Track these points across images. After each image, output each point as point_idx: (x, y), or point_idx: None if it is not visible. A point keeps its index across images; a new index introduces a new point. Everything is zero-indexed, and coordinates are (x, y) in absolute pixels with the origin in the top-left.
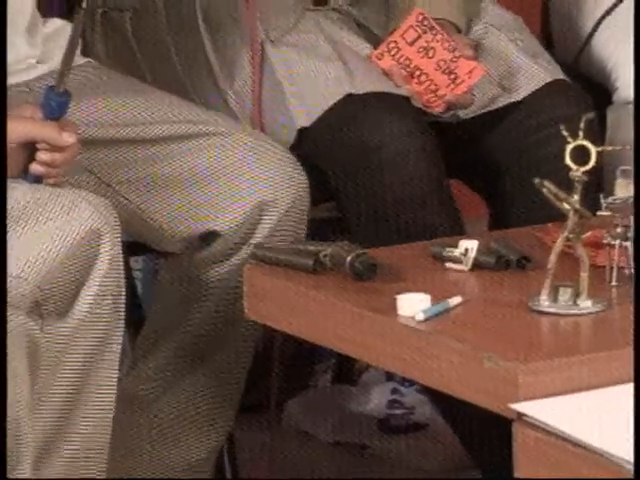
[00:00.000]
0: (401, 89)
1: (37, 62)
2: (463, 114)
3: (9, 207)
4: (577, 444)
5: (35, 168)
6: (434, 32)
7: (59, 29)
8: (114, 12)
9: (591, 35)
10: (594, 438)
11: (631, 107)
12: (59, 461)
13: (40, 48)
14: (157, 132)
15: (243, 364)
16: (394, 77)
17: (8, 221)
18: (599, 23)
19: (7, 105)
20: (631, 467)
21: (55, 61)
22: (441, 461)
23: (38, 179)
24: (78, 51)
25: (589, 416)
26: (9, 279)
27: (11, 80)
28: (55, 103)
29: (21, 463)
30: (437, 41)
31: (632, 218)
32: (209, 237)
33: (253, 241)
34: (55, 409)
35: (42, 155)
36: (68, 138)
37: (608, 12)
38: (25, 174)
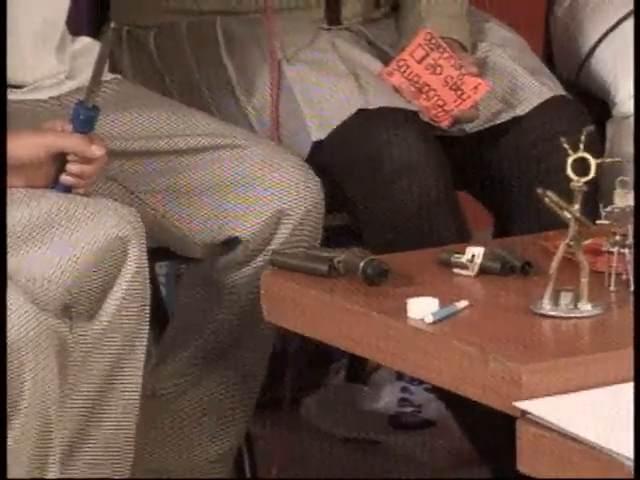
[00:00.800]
0: (410, 104)
1: (66, 78)
2: (469, 128)
3: (40, 215)
4: (578, 440)
5: (65, 179)
6: (441, 50)
7: (87, 46)
8: (139, 30)
9: (591, 53)
10: (594, 435)
11: (629, 121)
12: (85, 457)
13: (69, 64)
14: (180, 144)
15: (261, 364)
16: (404, 93)
17: (39, 228)
18: (599, 42)
19: (38, 119)
20: (631, 463)
21: (83, 77)
22: (448, 456)
23: (67, 189)
24: (106, 67)
25: (589, 414)
26: (40, 282)
27: (41, 95)
28: (84, 117)
29: (48, 459)
30: (444, 59)
31: (630, 227)
32: (229, 243)
33: (271, 247)
34: (82, 407)
35: (72, 167)
36: (96, 150)
37: (607, 33)
38: (55, 184)
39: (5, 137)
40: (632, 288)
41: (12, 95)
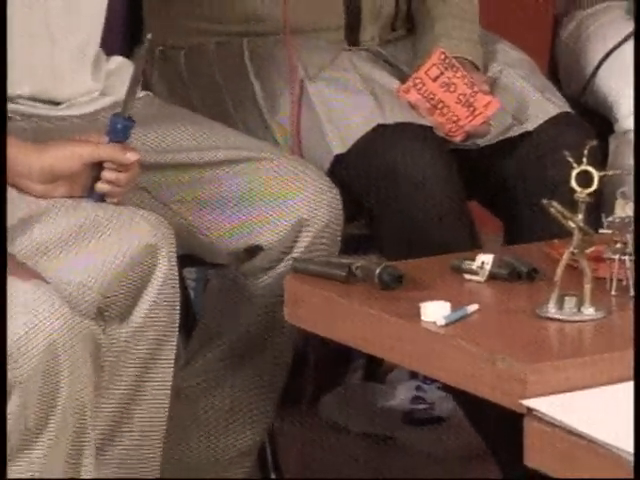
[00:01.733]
0: (425, 120)
1: (100, 95)
2: (481, 142)
3: (76, 223)
4: (581, 436)
5: (101, 187)
6: (455, 69)
7: (120, 65)
8: (170, 50)
9: (594, 74)
10: (596, 431)
11: (630, 135)
12: (117, 454)
13: (103, 82)
14: (208, 157)
15: (283, 363)
16: (419, 109)
17: (75, 235)
18: (601, 63)
19: (72, 133)
20: (631, 457)
21: (117, 94)
22: (459, 451)
23: (102, 198)
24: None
25: (592, 411)
26: (76, 287)
27: (76, 111)
28: (121, 126)
29: (83, 456)
30: (458, 77)
31: (629, 236)
32: (253, 250)
33: (293, 254)
34: (115, 406)
35: (108, 174)
36: (131, 157)
37: (607, 54)
38: (91, 193)
39: (5, 137)
40: (632, 293)
41: (49, 111)
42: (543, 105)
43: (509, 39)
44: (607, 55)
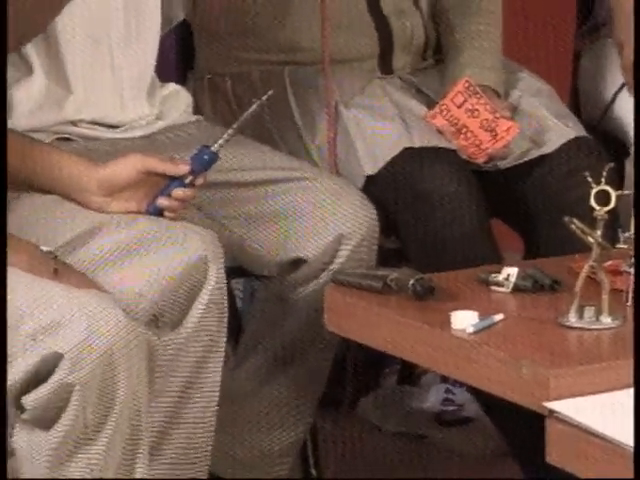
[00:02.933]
0: (451, 144)
1: (156, 119)
2: (502, 164)
3: (134, 236)
4: (599, 436)
5: (162, 202)
6: (478, 96)
7: (173, 92)
8: (218, 78)
9: (612, 101)
10: (613, 431)
11: None
12: (169, 451)
13: (158, 107)
14: (255, 176)
15: (324, 367)
16: (445, 134)
17: (133, 248)
18: (619, 91)
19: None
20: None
21: (170, 119)
22: (485, 449)
23: (160, 213)
24: (190, 109)
25: (609, 413)
26: (133, 296)
27: (134, 134)
28: (207, 157)
29: (137, 456)
30: (480, 104)
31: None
32: (296, 263)
33: (333, 267)
34: (167, 407)
35: (179, 192)
36: (182, 169)
37: (624, 84)
38: (149, 208)
39: (5, 139)
40: (629, 302)
41: (108, 134)
42: (560, 130)
43: (532, 68)
44: (624, 84)
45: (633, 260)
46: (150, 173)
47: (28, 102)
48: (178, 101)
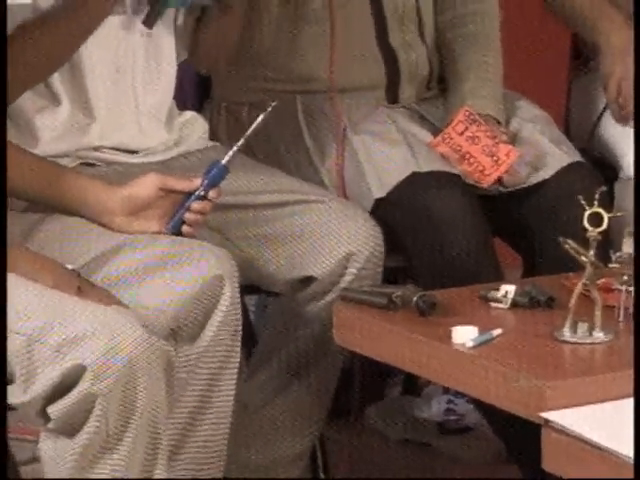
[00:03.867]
0: (455, 169)
1: (174, 144)
2: (504, 188)
3: (154, 255)
4: (591, 444)
5: (188, 216)
6: (478, 124)
7: (191, 119)
8: (234, 106)
9: (597, 124)
10: (604, 439)
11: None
12: (186, 456)
13: (177, 134)
14: (267, 199)
15: (332, 378)
16: (449, 160)
17: (153, 266)
18: (602, 114)
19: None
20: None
21: (188, 145)
22: (485, 456)
23: (179, 232)
24: (206, 135)
25: (601, 422)
26: (153, 312)
27: (153, 158)
28: (218, 170)
29: (157, 458)
30: (481, 131)
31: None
32: (307, 281)
33: (341, 284)
34: (185, 414)
35: (195, 205)
36: (196, 181)
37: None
38: (168, 227)
39: (5, 141)
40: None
41: (128, 159)
42: (558, 156)
43: (530, 97)
44: (606, 107)
45: (632, 273)
46: (168, 191)
47: (53, 129)
48: (195, 128)
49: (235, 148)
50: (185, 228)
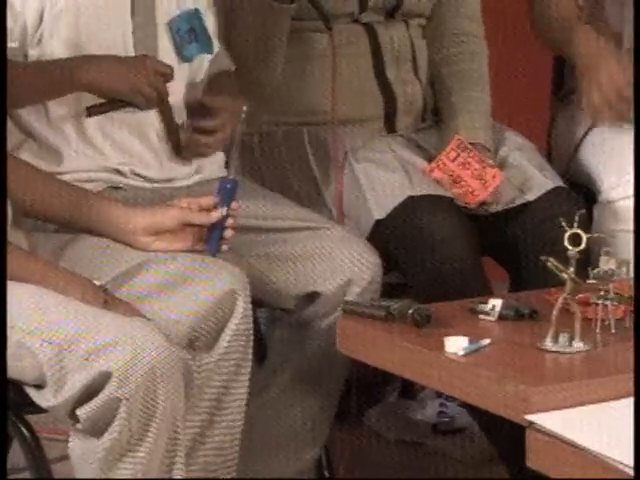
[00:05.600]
0: (447, 192)
1: (195, 173)
2: (492, 209)
3: (175, 271)
4: (571, 444)
5: (226, 234)
6: (468, 151)
7: None
8: (246, 136)
9: (576, 150)
10: (583, 439)
11: (611, 205)
12: (202, 456)
13: (196, 163)
14: (277, 224)
15: (337, 391)
16: (442, 184)
17: (173, 281)
18: (581, 142)
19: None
20: (608, 459)
21: (207, 172)
22: (475, 455)
23: (218, 251)
24: (223, 164)
25: (581, 424)
26: (172, 323)
27: (174, 184)
28: (230, 186)
29: (175, 457)
30: (471, 157)
31: (611, 286)
32: (312, 297)
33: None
34: (201, 417)
35: (228, 232)
36: (213, 214)
37: (589, 129)
38: (209, 250)
39: (5, 143)
40: (598, 329)
41: (153, 184)
42: (541, 180)
43: (515, 128)
44: (585, 135)
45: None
46: (189, 225)
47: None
48: (213, 157)
49: (235, 162)
50: (224, 247)
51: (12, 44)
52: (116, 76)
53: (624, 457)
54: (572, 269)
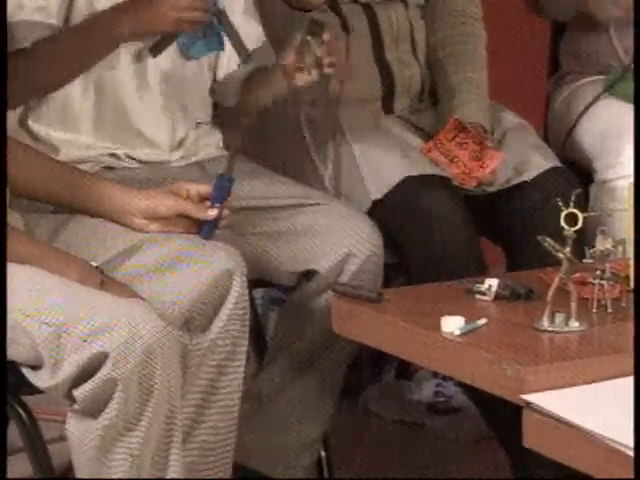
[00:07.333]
0: (444, 172)
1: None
2: (489, 189)
3: (170, 252)
4: (567, 423)
5: (222, 224)
6: (466, 131)
7: (207, 130)
8: (247, 119)
9: (570, 131)
10: (578, 418)
11: (606, 185)
12: (198, 438)
13: (194, 144)
14: (275, 202)
15: (341, 370)
16: (439, 164)
17: (169, 262)
18: (576, 122)
19: (169, 179)
20: (603, 438)
21: (204, 153)
22: (471, 434)
23: (212, 235)
24: (221, 144)
25: (576, 403)
26: (168, 304)
27: (172, 164)
28: (227, 185)
29: (172, 439)
30: (469, 137)
31: (607, 265)
32: (310, 274)
33: (342, 280)
34: (197, 398)
35: (225, 212)
36: (210, 212)
37: (585, 109)
38: (200, 231)
39: (5, 140)
40: (594, 309)
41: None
42: (538, 161)
43: (512, 108)
44: (583, 111)
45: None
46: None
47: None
48: (210, 138)
49: (231, 160)
50: (217, 232)
51: (51, 20)
52: (153, 18)
53: (621, 436)
54: (568, 249)
